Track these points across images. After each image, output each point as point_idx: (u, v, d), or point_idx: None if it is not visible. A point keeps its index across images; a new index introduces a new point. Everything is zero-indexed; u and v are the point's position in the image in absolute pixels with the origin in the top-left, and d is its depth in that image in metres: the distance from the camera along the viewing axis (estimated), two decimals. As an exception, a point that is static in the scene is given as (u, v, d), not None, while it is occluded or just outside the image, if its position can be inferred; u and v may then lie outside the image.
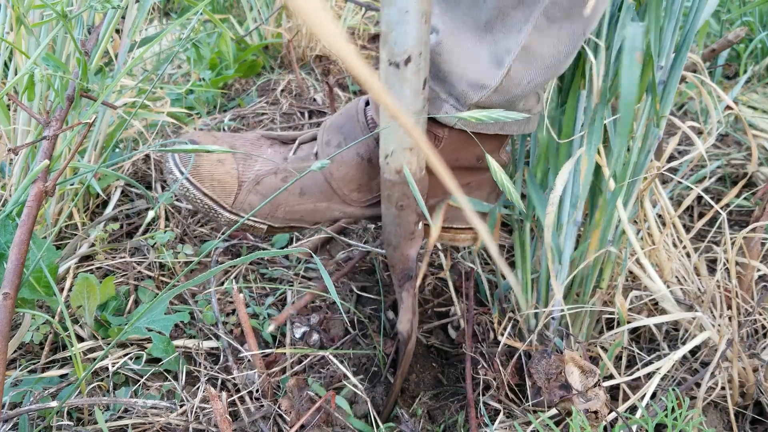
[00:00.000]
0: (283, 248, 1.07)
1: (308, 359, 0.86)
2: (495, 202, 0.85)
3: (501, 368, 0.81)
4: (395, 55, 0.61)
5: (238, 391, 0.81)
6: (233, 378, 0.81)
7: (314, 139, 0.83)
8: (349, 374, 0.82)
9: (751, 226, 0.82)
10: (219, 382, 0.82)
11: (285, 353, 0.86)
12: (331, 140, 0.79)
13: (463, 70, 0.68)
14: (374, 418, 0.78)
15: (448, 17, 0.67)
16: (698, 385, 0.79)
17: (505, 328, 0.85)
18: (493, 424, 0.76)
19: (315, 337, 0.90)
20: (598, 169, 0.76)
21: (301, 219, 0.83)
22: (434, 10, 0.68)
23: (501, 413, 0.78)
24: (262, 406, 0.78)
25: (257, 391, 0.79)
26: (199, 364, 0.84)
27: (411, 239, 0.77)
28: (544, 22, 0.63)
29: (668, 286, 0.82)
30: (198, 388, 0.80)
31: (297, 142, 0.83)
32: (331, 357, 0.85)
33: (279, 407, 0.76)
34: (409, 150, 0.68)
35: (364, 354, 0.90)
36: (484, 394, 0.81)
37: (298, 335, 0.89)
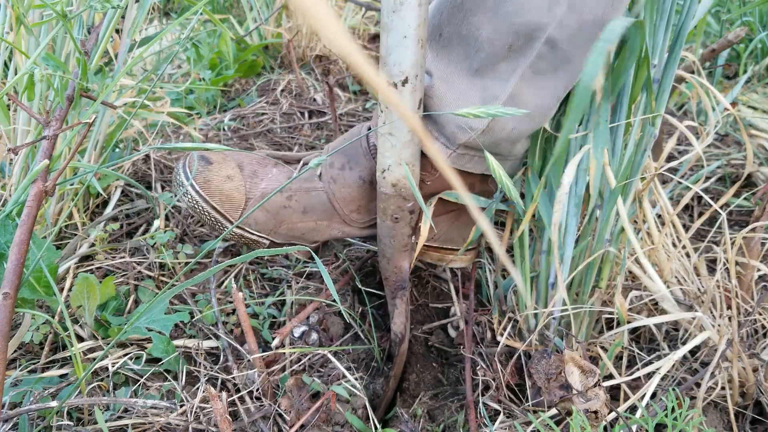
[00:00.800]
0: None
1: (307, 358, 0.86)
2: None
3: (500, 368, 0.81)
4: (393, 76, 0.65)
5: (238, 390, 0.81)
6: (233, 378, 0.81)
7: None
8: (347, 374, 0.82)
9: (751, 226, 0.82)
10: (219, 382, 0.82)
11: (284, 352, 0.86)
12: (335, 162, 0.84)
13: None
14: (372, 418, 0.78)
15: (442, 63, 0.73)
16: (698, 385, 0.79)
17: (504, 329, 0.85)
18: (493, 424, 0.76)
19: (314, 336, 0.90)
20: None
21: (302, 236, 0.88)
22: (428, 55, 0.73)
23: (501, 414, 0.78)
24: (262, 405, 0.78)
25: (257, 390, 0.79)
26: (199, 364, 0.84)
27: (404, 251, 0.81)
28: (530, 74, 0.69)
29: (668, 286, 0.82)
30: (198, 388, 0.80)
31: (301, 162, 0.88)
32: (330, 356, 0.85)
33: (279, 407, 0.76)
34: (405, 165, 0.72)
35: (363, 349, 0.90)
36: (483, 395, 0.81)
37: (297, 334, 0.89)
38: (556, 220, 0.71)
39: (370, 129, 0.84)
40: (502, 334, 0.84)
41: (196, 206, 0.83)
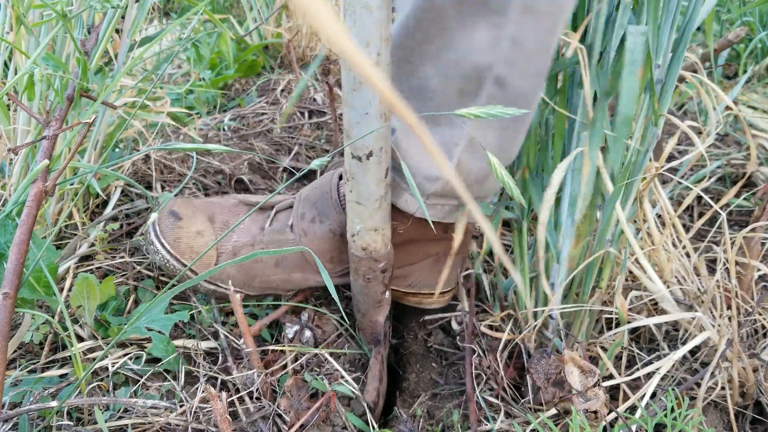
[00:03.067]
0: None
1: (305, 358, 0.86)
2: (461, 269, 0.90)
3: (498, 359, 0.81)
4: (357, 150, 0.66)
5: (237, 391, 0.81)
6: (232, 378, 0.81)
7: (291, 207, 0.87)
8: (345, 375, 0.82)
9: (751, 226, 0.82)
10: (218, 382, 0.82)
11: (283, 352, 0.86)
12: (306, 214, 0.84)
13: (417, 164, 0.73)
14: (371, 420, 0.78)
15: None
16: (698, 385, 0.79)
17: (502, 323, 0.85)
18: (494, 421, 0.76)
19: (308, 334, 0.90)
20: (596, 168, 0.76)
21: (276, 288, 0.88)
22: None
23: (501, 410, 0.78)
24: (262, 406, 0.78)
25: (257, 390, 0.79)
26: (198, 364, 0.84)
27: (378, 307, 0.82)
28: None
29: (668, 287, 0.82)
30: (197, 388, 0.80)
31: (274, 210, 0.87)
32: (326, 355, 0.85)
33: (278, 407, 0.76)
34: (374, 230, 0.73)
35: (357, 352, 0.90)
36: (482, 389, 0.81)
37: (290, 335, 0.89)
38: (543, 220, 0.71)
39: (341, 177, 0.83)
40: (500, 328, 0.84)
41: (168, 264, 0.83)
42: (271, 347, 0.86)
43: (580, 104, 0.72)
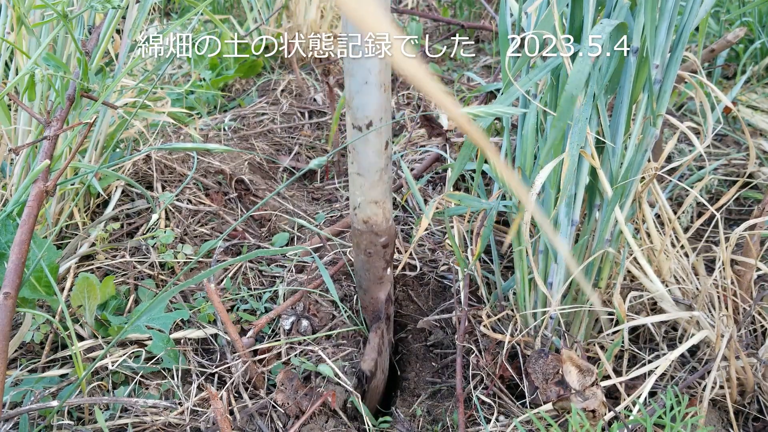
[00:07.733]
0: (283, 247, 1.08)
1: (299, 349, 0.86)
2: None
3: (495, 360, 0.81)
4: (357, 120, 0.68)
5: (235, 388, 0.81)
6: (223, 368, 0.82)
7: None
8: (341, 374, 0.82)
9: (745, 224, 0.82)
10: (216, 378, 0.82)
11: (277, 344, 0.86)
12: None
13: None
14: (364, 417, 0.78)
15: None
16: (699, 383, 0.80)
17: (497, 324, 0.86)
18: (488, 421, 0.76)
19: (305, 323, 0.90)
20: (596, 169, 0.76)
21: None
22: None
23: (494, 406, 0.78)
24: (257, 400, 0.78)
25: (249, 382, 0.80)
26: (196, 361, 0.84)
27: (380, 283, 0.84)
28: None
29: (666, 286, 0.82)
30: (195, 386, 0.80)
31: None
32: (321, 353, 0.85)
33: (275, 402, 0.76)
34: (375, 203, 0.75)
35: (352, 330, 0.90)
36: (477, 388, 0.81)
37: (287, 326, 0.90)
38: (527, 219, 0.72)
39: None
40: (498, 329, 0.84)
41: None
42: (265, 345, 0.86)
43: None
